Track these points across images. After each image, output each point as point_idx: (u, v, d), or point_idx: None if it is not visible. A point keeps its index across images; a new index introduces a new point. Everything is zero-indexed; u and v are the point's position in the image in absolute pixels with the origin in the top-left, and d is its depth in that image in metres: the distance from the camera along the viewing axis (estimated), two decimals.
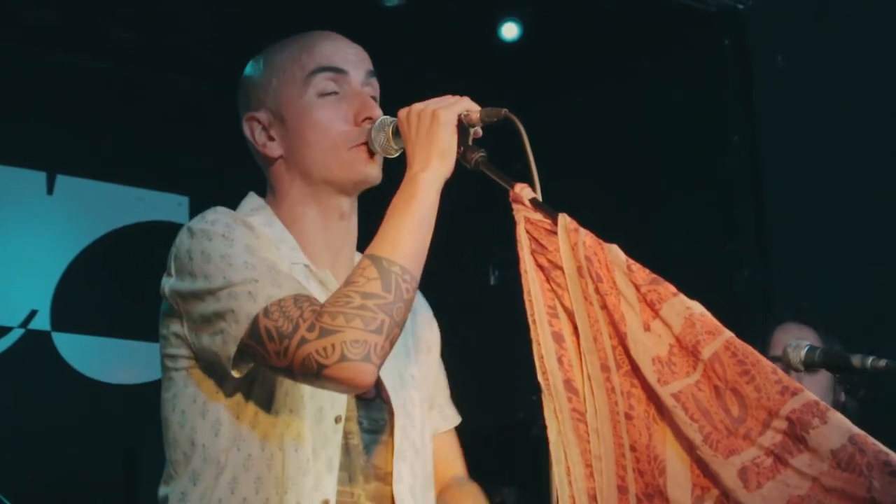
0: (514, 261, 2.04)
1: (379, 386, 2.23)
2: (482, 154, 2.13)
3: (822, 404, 1.80)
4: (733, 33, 4.79)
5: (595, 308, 1.95)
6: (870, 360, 2.51)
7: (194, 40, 4.86)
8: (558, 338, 1.98)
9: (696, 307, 1.90)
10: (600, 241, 1.98)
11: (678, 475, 1.88)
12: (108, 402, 4.81)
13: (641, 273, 1.93)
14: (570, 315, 1.98)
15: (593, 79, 5.14)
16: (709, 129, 4.84)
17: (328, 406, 2.15)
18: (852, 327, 3.63)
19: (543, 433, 1.97)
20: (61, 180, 4.91)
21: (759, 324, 4.47)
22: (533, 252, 2.02)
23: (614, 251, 1.96)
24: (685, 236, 4.79)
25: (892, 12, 4.46)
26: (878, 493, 1.73)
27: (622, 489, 1.91)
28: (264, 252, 2.11)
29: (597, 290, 1.95)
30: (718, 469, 1.84)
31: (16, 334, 4.75)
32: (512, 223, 2.06)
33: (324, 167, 2.25)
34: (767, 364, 1.85)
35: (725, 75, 4.82)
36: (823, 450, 1.77)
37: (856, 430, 1.78)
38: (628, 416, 1.92)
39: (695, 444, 1.85)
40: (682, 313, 1.89)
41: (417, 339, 2.42)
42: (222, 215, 2.16)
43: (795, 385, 1.82)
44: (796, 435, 1.79)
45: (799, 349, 2.57)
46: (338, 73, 2.28)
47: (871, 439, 1.77)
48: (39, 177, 4.88)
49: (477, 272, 5.52)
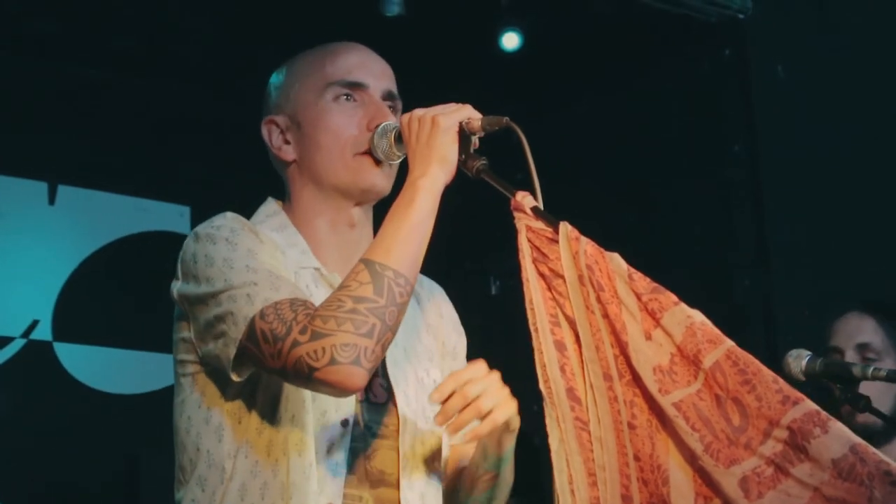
0: (515, 269, 2.04)
1: (390, 391, 2.24)
2: (483, 162, 2.13)
3: (823, 414, 1.80)
4: (733, 43, 4.79)
5: (597, 317, 1.95)
6: (871, 370, 2.51)
7: (196, 50, 4.86)
8: (560, 346, 1.98)
9: (698, 316, 1.90)
10: (602, 249, 1.98)
11: (681, 485, 1.88)
12: (109, 412, 4.81)
13: (643, 282, 1.93)
14: (572, 324, 1.98)
15: (594, 88, 5.15)
16: (709, 138, 4.85)
17: (333, 410, 2.15)
18: None
19: (545, 443, 1.97)
20: (63, 190, 4.91)
21: (760, 333, 4.48)
22: (534, 261, 2.02)
23: (616, 260, 1.96)
24: (686, 245, 4.79)
25: (892, 23, 4.46)
26: (879, 503, 1.73)
27: (626, 498, 1.91)
28: (266, 257, 2.12)
29: (598, 299, 1.94)
30: (720, 479, 1.83)
31: (17, 344, 4.74)
32: (513, 232, 2.06)
33: (332, 172, 2.26)
34: (769, 373, 1.84)
35: (726, 85, 4.82)
36: (824, 459, 1.77)
37: (857, 439, 1.77)
38: (631, 426, 1.92)
39: (696, 454, 1.85)
40: (683, 322, 1.89)
41: (443, 343, 2.42)
42: (229, 220, 2.17)
43: (797, 394, 1.82)
44: (797, 444, 1.79)
45: (800, 359, 2.56)
46: (358, 87, 2.29)
47: (872, 449, 1.77)
48: (41, 187, 4.88)
49: (478, 281, 5.52)
